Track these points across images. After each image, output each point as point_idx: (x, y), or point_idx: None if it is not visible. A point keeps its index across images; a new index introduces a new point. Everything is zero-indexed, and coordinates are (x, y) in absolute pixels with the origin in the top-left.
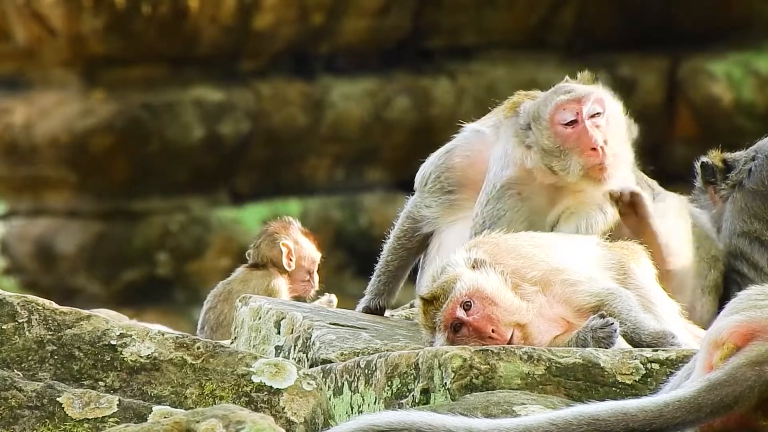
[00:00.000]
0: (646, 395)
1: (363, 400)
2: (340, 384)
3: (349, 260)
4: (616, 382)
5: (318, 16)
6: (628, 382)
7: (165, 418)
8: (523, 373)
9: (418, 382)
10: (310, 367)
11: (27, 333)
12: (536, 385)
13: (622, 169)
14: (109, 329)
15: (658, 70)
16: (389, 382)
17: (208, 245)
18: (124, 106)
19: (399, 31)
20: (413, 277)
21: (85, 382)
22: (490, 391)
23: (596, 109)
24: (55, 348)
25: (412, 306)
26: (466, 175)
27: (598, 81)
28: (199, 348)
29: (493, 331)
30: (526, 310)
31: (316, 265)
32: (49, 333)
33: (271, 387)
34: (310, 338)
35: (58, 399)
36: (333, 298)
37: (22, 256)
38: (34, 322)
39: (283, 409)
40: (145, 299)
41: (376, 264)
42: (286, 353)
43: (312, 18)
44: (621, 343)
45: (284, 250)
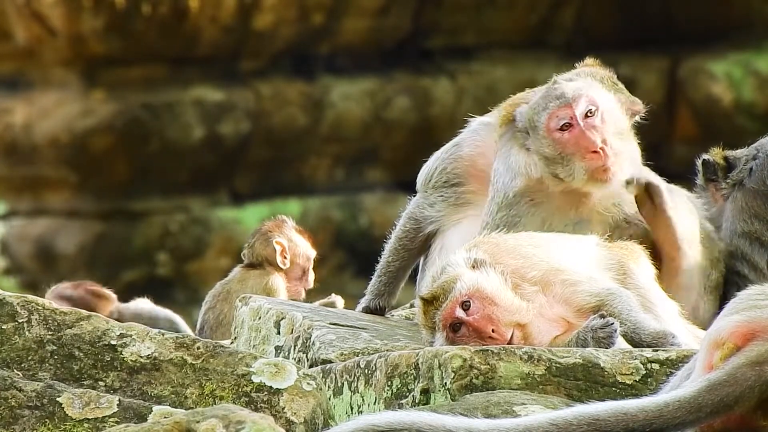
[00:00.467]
0: (646, 395)
1: (363, 400)
2: (340, 384)
3: (349, 260)
4: (616, 382)
5: (318, 16)
6: (628, 382)
7: (165, 418)
8: (523, 373)
9: (418, 382)
10: (310, 367)
11: (27, 333)
12: (536, 385)
13: (627, 164)
14: (109, 329)
15: (658, 70)
16: (389, 382)
17: (208, 245)
18: (124, 106)
19: (399, 31)
20: (414, 278)
21: (85, 382)
22: (490, 391)
23: (589, 108)
24: (55, 348)
25: (412, 306)
26: (475, 166)
27: (599, 64)
28: (199, 348)
29: (493, 331)
30: (526, 310)
31: (311, 263)
32: (49, 333)
33: (271, 387)
34: (310, 338)
35: (58, 399)
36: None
37: (22, 256)
38: (34, 322)
39: (283, 409)
40: None
41: (377, 264)
42: (286, 353)
43: (312, 18)
44: (621, 344)
45: (278, 248)
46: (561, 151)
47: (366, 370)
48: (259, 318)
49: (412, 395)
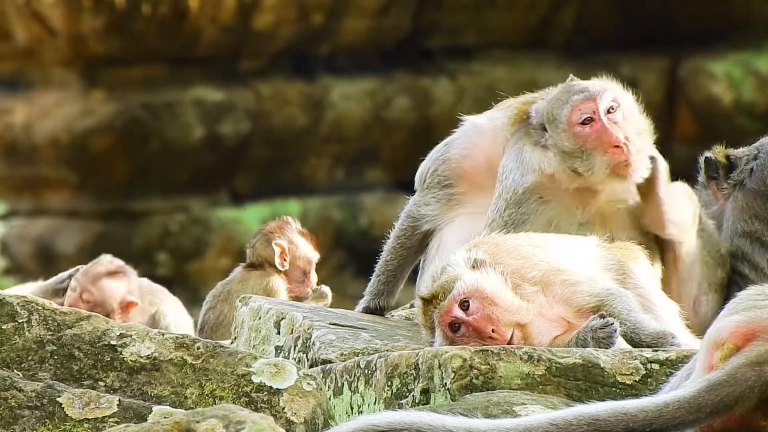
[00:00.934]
0: (646, 395)
1: (363, 400)
2: (340, 384)
3: (349, 260)
4: (616, 383)
5: (318, 16)
6: (628, 382)
7: (165, 418)
8: (523, 374)
9: (418, 383)
10: (310, 367)
11: (27, 333)
12: (536, 386)
13: (646, 163)
14: (109, 329)
15: (658, 70)
16: (389, 383)
17: (208, 245)
18: (124, 106)
19: (399, 31)
20: (413, 278)
21: (85, 382)
22: (490, 392)
23: (612, 105)
24: (55, 348)
25: (412, 306)
26: (462, 168)
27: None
28: (199, 348)
29: (493, 331)
30: (526, 310)
31: (313, 266)
32: (49, 333)
33: (271, 387)
34: (310, 338)
35: (58, 399)
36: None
37: (22, 256)
38: (33, 322)
39: (283, 409)
40: None
41: (376, 264)
42: (286, 353)
43: (312, 18)
44: (621, 344)
45: (277, 249)
46: (582, 145)
47: (366, 370)
48: (259, 318)
49: (412, 395)
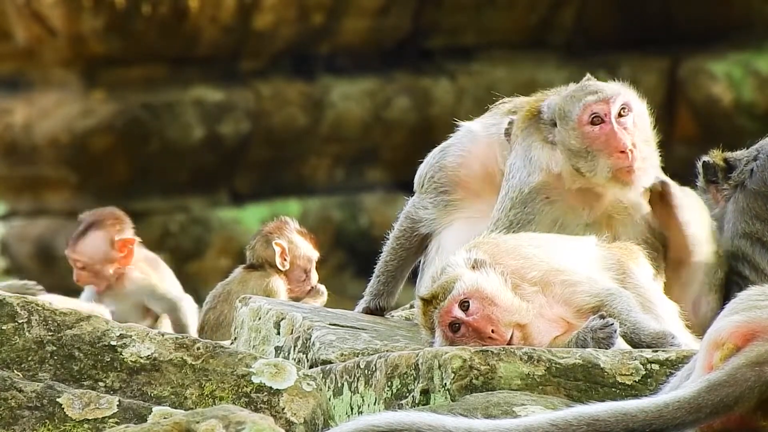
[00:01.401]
0: (646, 396)
1: (363, 400)
2: (339, 384)
3: (349, 260)
4: (616, 383)
5: (318, 16)
6: (628, 382)
7: (165, 418)
8: (523, 374)
9: (418, 383)
10: (310, 367)
11: (27, 333)
12: (536, 386)
13: (650, 171)
14: (108, 330)
15: (658, 70)
16: (389, 383)
17: (208, 245)
18: (124, 106)
19: (399, 31)
20: (413, 278)
21: (85, 383)
22: (490, 392)
23: (624, 110)
24: (55, 348)
25: (412, 307)
26: (458, 175)
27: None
28: (198, 348)
29: (493, 332)
30: (526, 311)
31: (313, 265)
32: (49, 333)
33: (270, 387)
34: (310, 339)
35: (58, 399)
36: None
37: (22, 256)
38: (33, 322)
39: (283, 409)
40: None
41: (376, 264)
42: (286, 354)
43: (312, 18)
44: (621, 344)
45: (277, 249)
46: (589, 145)
47: (366, 371)
48: (259, 318)
49: (412, 396)
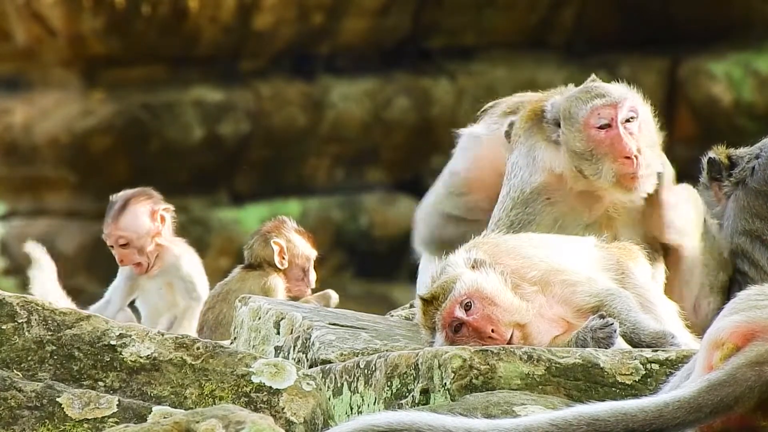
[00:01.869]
0: (645, 395)
1: (363, 400)
2: (339, 384)
3: (349, 260)
4: (615, 383)
5: (318, 16)
6: (627, 382)
7: (165, 418)
8: (523, 374)
9: (418, 383)
10: (310, 367)
11: (26, 333)
12: (536, 386)
13: (653, 178)
14: (108, 329)
15: (658, 70)
16: (389, 383)
17: (208, 245)
18: (124, 106)
19: (399, 31)
20: (413, 278)
21: (85, 383)
22: (490, 392)
23: (630, 115)
24: (55, 348)
25: (412, 306)
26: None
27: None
28: (198, 348)
29: (493, 331)
30: (526, 310)
31: (311, 263)
32: (49, 333)
33: (270, 387)
34: (310, 338)
35: (57, 399)
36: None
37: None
38: (33, 322)
39: (283, 409)
40: None
41: (377, 264)
42: (286, 353)
43: (312, 18)
44: (621, 344)
45: (276, 248)
46: (594, 149)
47: (366, 371)
48: (259, 318)
49: (412, 395)
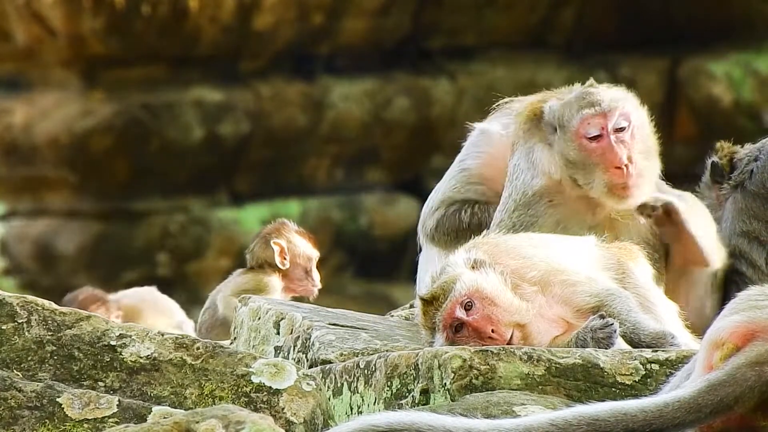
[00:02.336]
0: (645, 396)
1: (363, 400)
2: (339, 384)
3: (349, 260)
4: (615, 383)
5: (318, 16)
6: (627, 382)
7: (165, 418)
8: (523, 374)
9: (418, 383)
10: (310, 367)
11: (26, 333)
12: (536, 386)
13: (647, 185)
14: (108, 329)
15: (658, 70)
16: (389, 383)
17: (208, 245)
18: (124, 107)
19: (399, 31)
20: (413, 278)
21: (85, 383)
22: (490, 392)
23: (621, 124)
24: (55, 348)
25: (412, 306)
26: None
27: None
28: (198, 348)
29: (493, 332)
30: (526, 311)
31: (314, 263)
32: (49, 333)
33: (270, 387)
34: (310, 339)
35: (57, 399)
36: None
37: (22, 257)
38: (33, 322)
39: (283, 409)
40: None
41: (376, 264)
42: (286, 354)
43: (312, 18)
44: (621, 344)
45: (276, 248)
46: (585, 158)
47: (366, 371)
48: (259, 318)
49: (412, 395)
